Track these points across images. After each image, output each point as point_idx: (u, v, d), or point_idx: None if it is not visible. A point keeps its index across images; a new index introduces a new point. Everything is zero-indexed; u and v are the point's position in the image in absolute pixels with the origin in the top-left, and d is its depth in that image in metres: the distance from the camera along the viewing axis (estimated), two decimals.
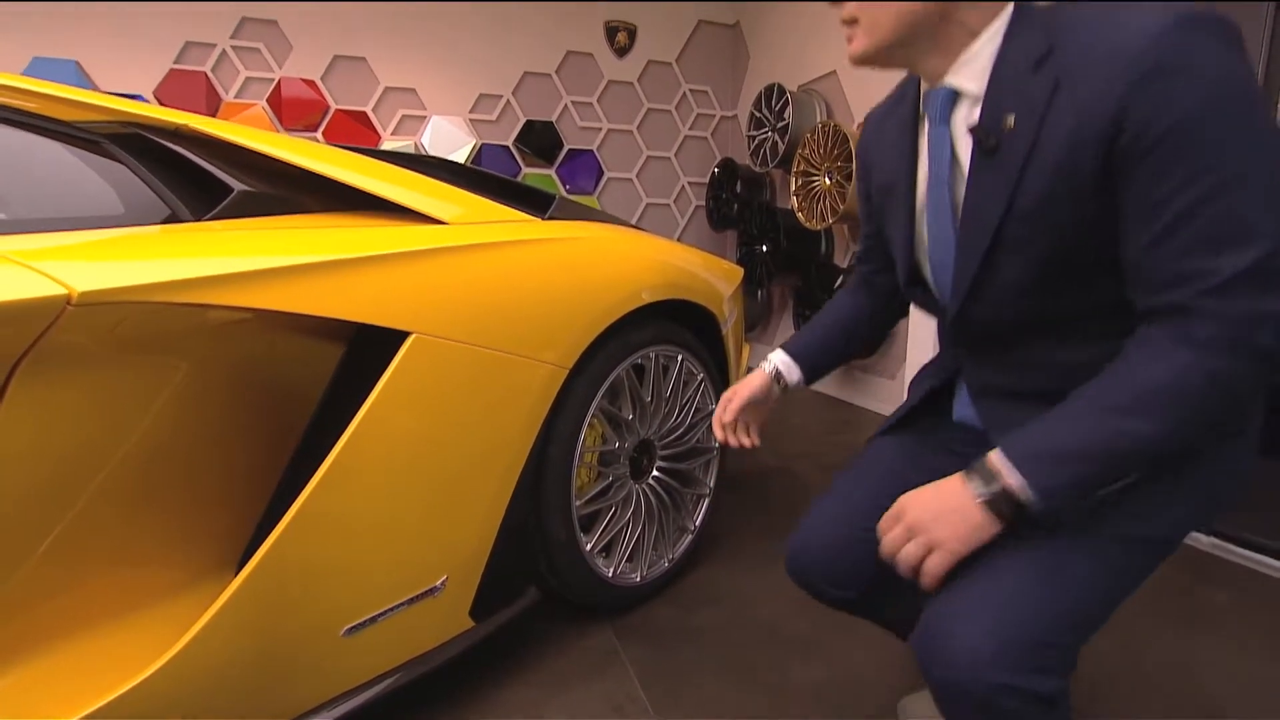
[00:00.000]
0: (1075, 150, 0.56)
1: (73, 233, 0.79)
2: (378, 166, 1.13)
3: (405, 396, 0.92)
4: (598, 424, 1.29)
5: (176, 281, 0.72)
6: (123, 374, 0.77)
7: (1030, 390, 0.70)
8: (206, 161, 0.95)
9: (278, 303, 0.80)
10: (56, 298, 0.64)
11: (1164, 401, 0.55)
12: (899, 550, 0.64)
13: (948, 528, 0.61)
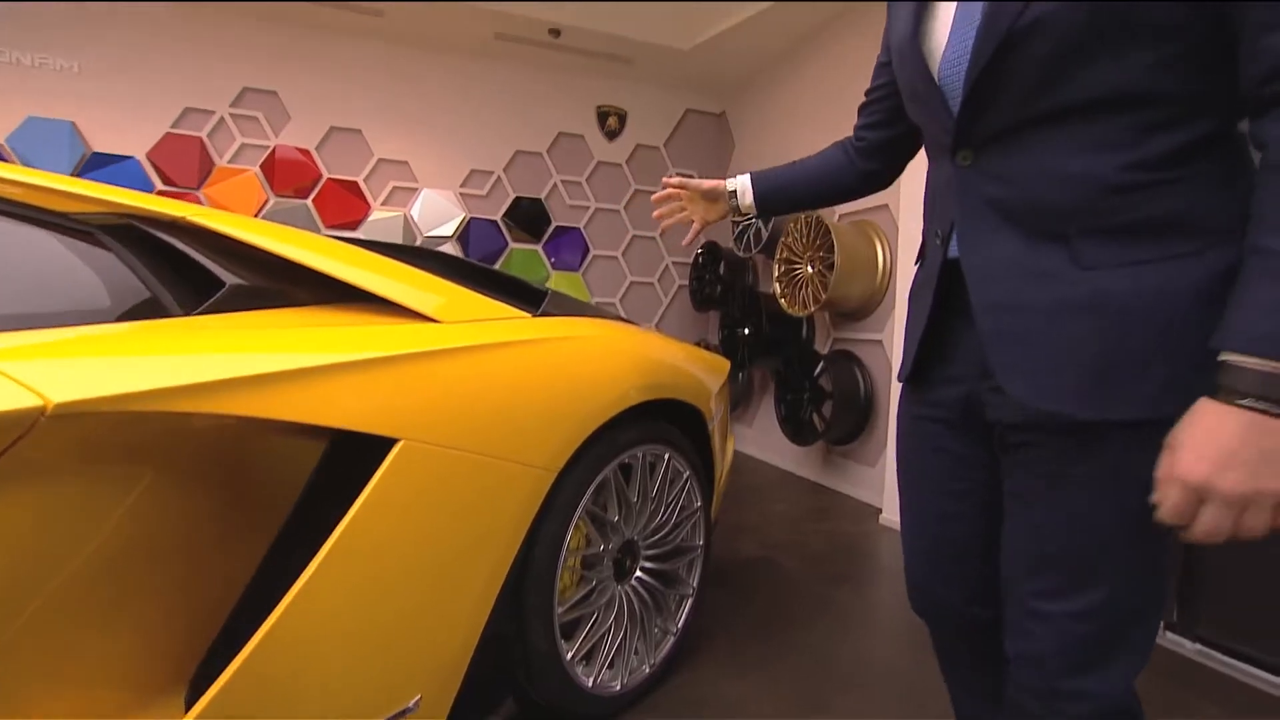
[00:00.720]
0: None
1: (55, 329, 0.76)
2: (373, 260, 1.12)
3: (390, 506, 0.88)
4: (582, 525, 1.26)
5: (158, 390, 0.69)
6: (84, 481, 0.72)
7: (1027, 205, 0.63)
8: (199, 254, 0.94)
9: (263, 410, 0.77)
10: (31, 409, 0.61)
11: None
12: (1228, 532, 0.51)
13: (1257, 477, 0.49)
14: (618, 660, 1.35)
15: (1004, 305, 0.64)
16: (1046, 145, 0.61)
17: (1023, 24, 0.58)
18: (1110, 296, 0.59)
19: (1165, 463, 0.54)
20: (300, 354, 0.83)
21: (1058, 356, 0.61)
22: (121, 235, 0.90)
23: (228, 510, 0.88)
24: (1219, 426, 0.50)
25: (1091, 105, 0.59)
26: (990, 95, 0.63)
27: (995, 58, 0.60)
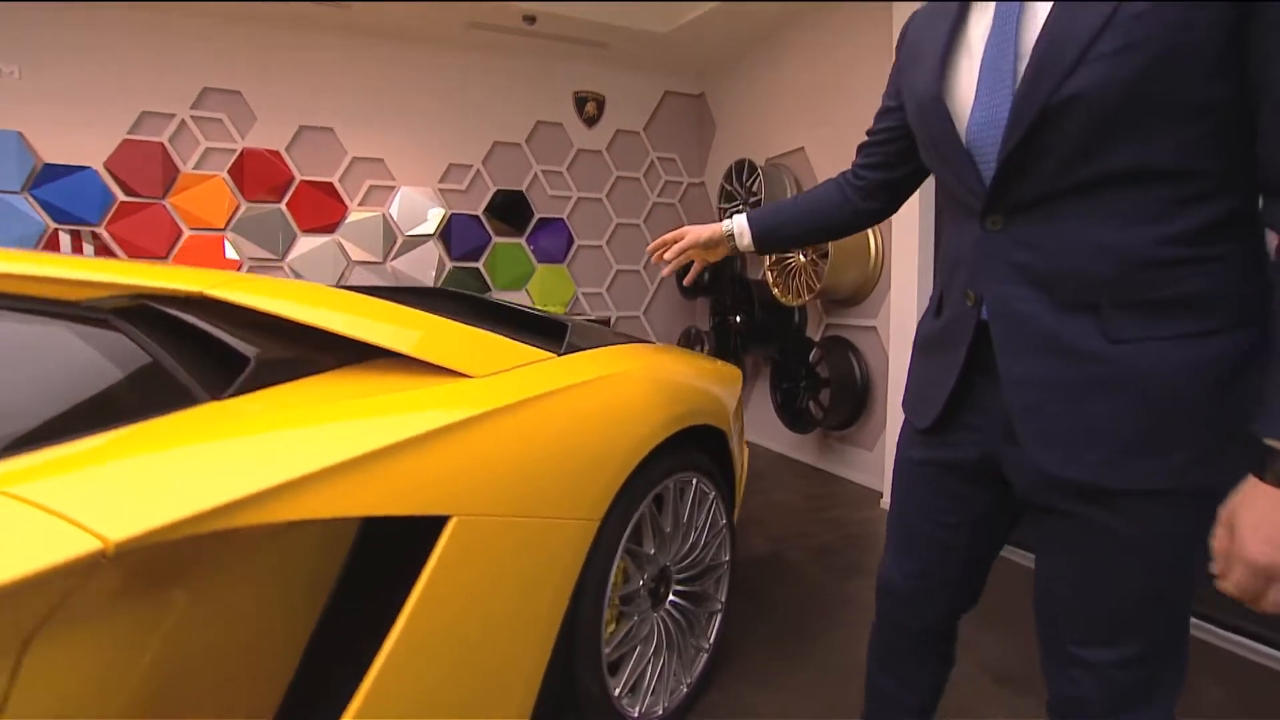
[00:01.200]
0: None
1: (95, 437, 0.72)
2: (394, 312, 1.08)
3: (448, 583, 0.86)
4: (622, 563, 1.25)
5: (214, 510, 0.66)
6: (139, 601, 0.69)
7: (1058, 274, 0.65)
8: (220, 330, 0.89)
9: (318, 511, 0.74)
10: (92, 554, 0.58)
11: None
12: (1268, 604, 0.56)
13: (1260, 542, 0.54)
14: (659, 686, 1.37)
15: (1033, 380, 0.67)
16: (1079, 215, 0.63)
17: (1059, 99, 0.59)
18: (1139, 373, 0.62)
19: (1223, 539, 0.57)
20: (346, 443, 0.80)
21: (1086, 432, 0.64)
22: (137, 318, 0.85)
23: (271, 600, 0.85)
24: (1271, 508, 0.54)
25: (1125, 178, 0.60)
26: (1024, 165, 0.64)
27: (1031, 130, 0.61)
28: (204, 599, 0.75)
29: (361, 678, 0.79)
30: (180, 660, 0.74)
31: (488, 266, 4.10)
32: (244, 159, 3.53)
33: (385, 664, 0.80)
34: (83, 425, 0.74)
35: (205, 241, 3.50)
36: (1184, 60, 0.56)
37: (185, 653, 0.74)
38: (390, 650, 0.80)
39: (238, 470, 0.71)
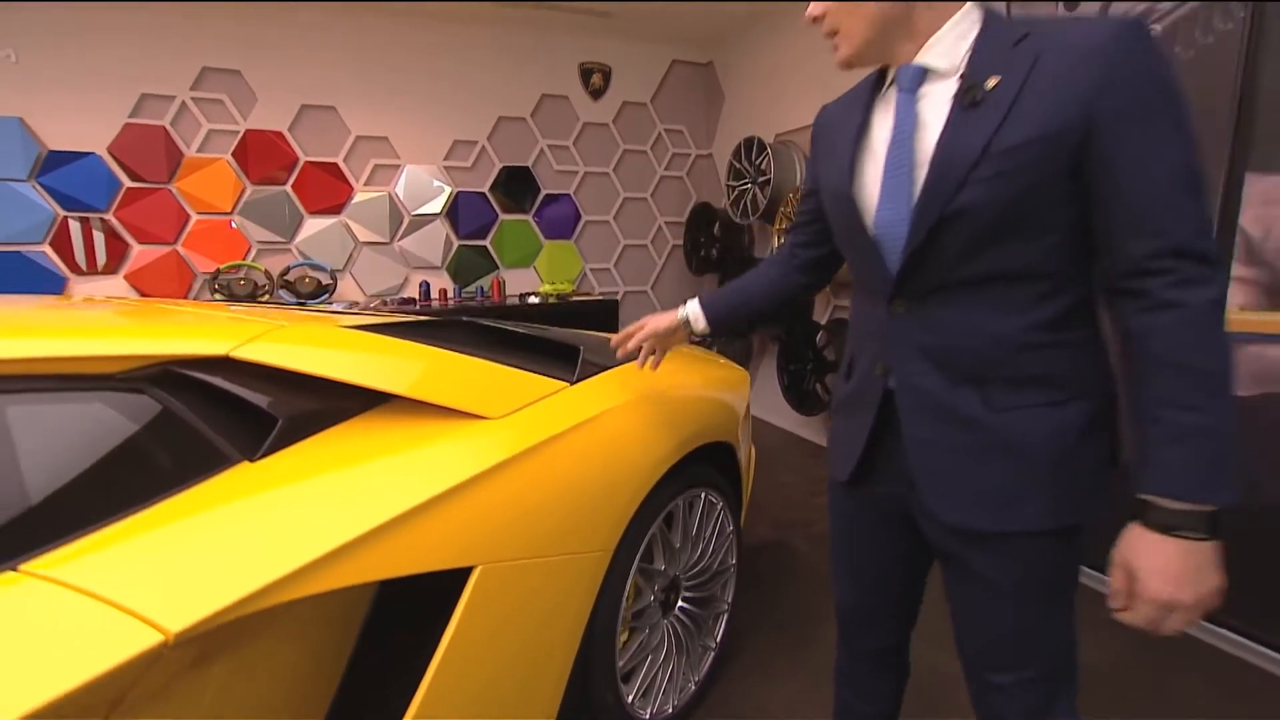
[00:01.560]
0: (1058, 105, 0.67)
1: (140, 510, 0.77)
2: (413, 354, 1.12)
3: (474, 629, 0.92)
4: (634, 582, 1.31)
5: (264, 589, 0.71)
6: (183, 677, 0.75)
7: (950, 353, 0.78)
8: (247, 392, 0.93)
9: (355, 578, 0.79)
10: (154, 647, 0.63)
11: (1217, 376, 0.66)
12: (1162, 624, 0.69)
13: (1209, 577, 0.67)
14: (669, 687, 1.45)
15: (931, 442, 0.80)
16: (966, 305, 0.76)
17: (951, 210, 0.73)
18: (1011, 436, 0.76)
19: (1121, 580, 0.71)
20: (378, 508, 0.84)
21: (971, 485, 0.78)
22: (170, 385, 0.89)
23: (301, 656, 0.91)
24: (1165, 554, 0.67)
25: (999, 276, 0.74)
26: (923, 262, 0.77)
27: (930, 234, 0.74)
28: (240, 664, 0.81)
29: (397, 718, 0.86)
30: (232, 709, 0.81)
31: (495, 244, 4.09)
32: (247, 140, 3.50)
33: (421, 703, 0.86)
34: (131, 499, 0.79)
35: (213, 225, 3.50)
36: (1041, 189, 0.70)
37: (233, 707, 0.81)
38: (425, 689, 0.87)
39: (278, 545, 0.76)
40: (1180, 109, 0.66)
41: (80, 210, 3.24)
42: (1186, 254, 0.66)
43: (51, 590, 0.65)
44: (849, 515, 0.98)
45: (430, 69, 3.80)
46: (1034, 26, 0.71)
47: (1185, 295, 0.66)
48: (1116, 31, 0.66)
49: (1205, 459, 0.66)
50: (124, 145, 3.29)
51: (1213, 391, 0.66)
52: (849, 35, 0.79)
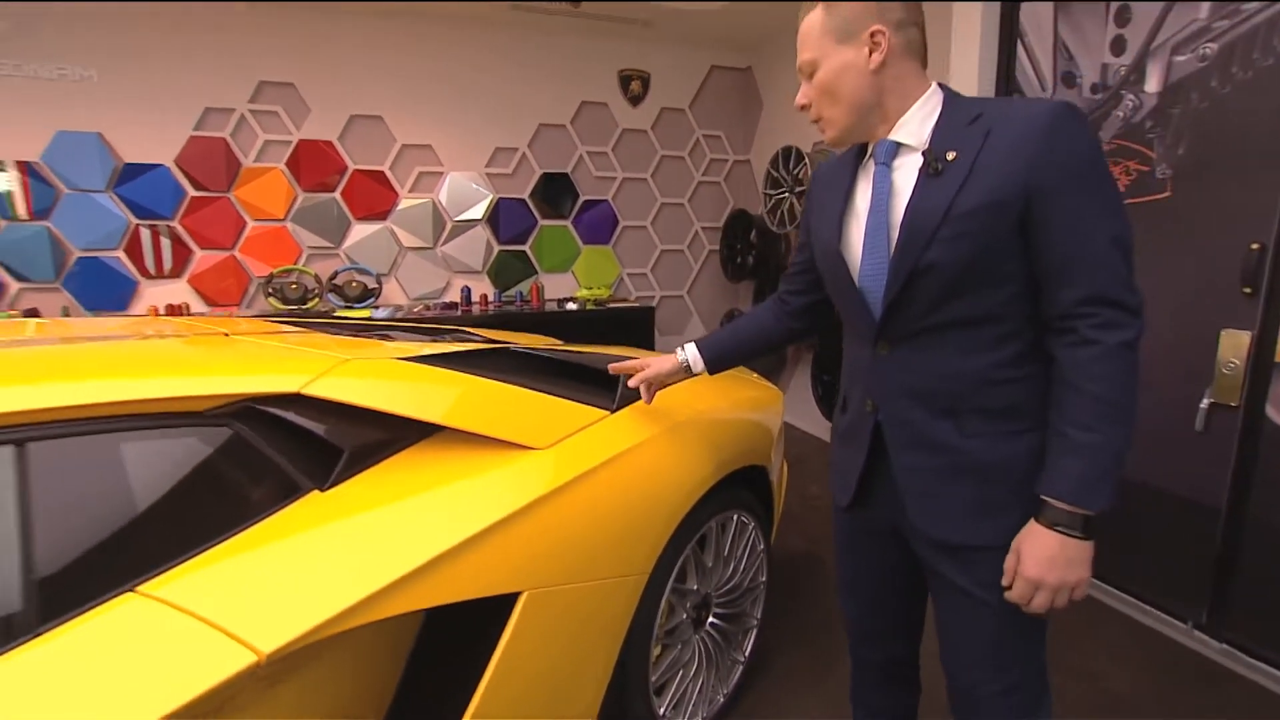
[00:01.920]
0: (1004, 176, 0.80)
1: (230, 535, 0.86)
2: (471, 388, 1.19)
3: (519, 650, 1.00)
4: (668, 601, 1.38)
5: (342, 613, 0.80)
6: (265, 689, 0.84)
7: (928, 389, 0.91)
8: (316, 425, 1.02)
9: (417, 603, 0.87)
10: (249, 667, 0.72)
11: (1121, 407, 0.79)
12: (1035, 601, 0.83)
13: (1075, 569, 0.82)
14: (699, 699, 1.51)
15: (914, 467, 0.93)
16: (938, 347, 0.89)
17: (922, 265, 0.85)
18: (981, 460, 0.89)
19: (1011, 561, 0.86)
20: (437, 538, 0.92)
21: (950, 503, 0.91)
22: (250, 420, 0.98)
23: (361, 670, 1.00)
24: (1044, 543, 0.82)
25: (964, 321, 0.87)
26: (900, 309, 0.90)
27: (904, 285, 0.88)
28: (307, 684, 0.89)
29: None
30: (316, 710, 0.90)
31: (534, 249, 4.18)
32: (299, 150, 3.65)
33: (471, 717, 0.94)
34: (222, 526, 0.88)
35: (268, 232, 3.67)
36: (995, 247, 0.82)
37: (306, 714, 0.90)
38: (476, 704, 0.95)
39: (349, 573, 0.85)
40: (1104, 178, 0.80)
41: (150, 218, 3.44)
42: (1108, 302, 0.79)
43: (162, 611, 0.74)
44: (849, 536, 1.10)
45: (473, 78, 3.89)
46: (985, 107, 0.85)
47: (1103, 336, 0.79)
48: (1052, 112, 0.79)
49: (1091, 472, 0.79)
50: (189, 157, 3.47)
51: (1108, 417, 0.79)
52: (832, 121, 0.92)
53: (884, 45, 0.87)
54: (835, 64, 0.89)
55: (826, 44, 0.89)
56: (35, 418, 0.78)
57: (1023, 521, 0.86)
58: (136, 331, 1.37)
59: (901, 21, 0.88)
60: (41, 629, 0.70)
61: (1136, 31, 2.13)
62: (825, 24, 0.89)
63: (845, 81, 0.89)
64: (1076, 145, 0.79)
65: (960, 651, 0.95)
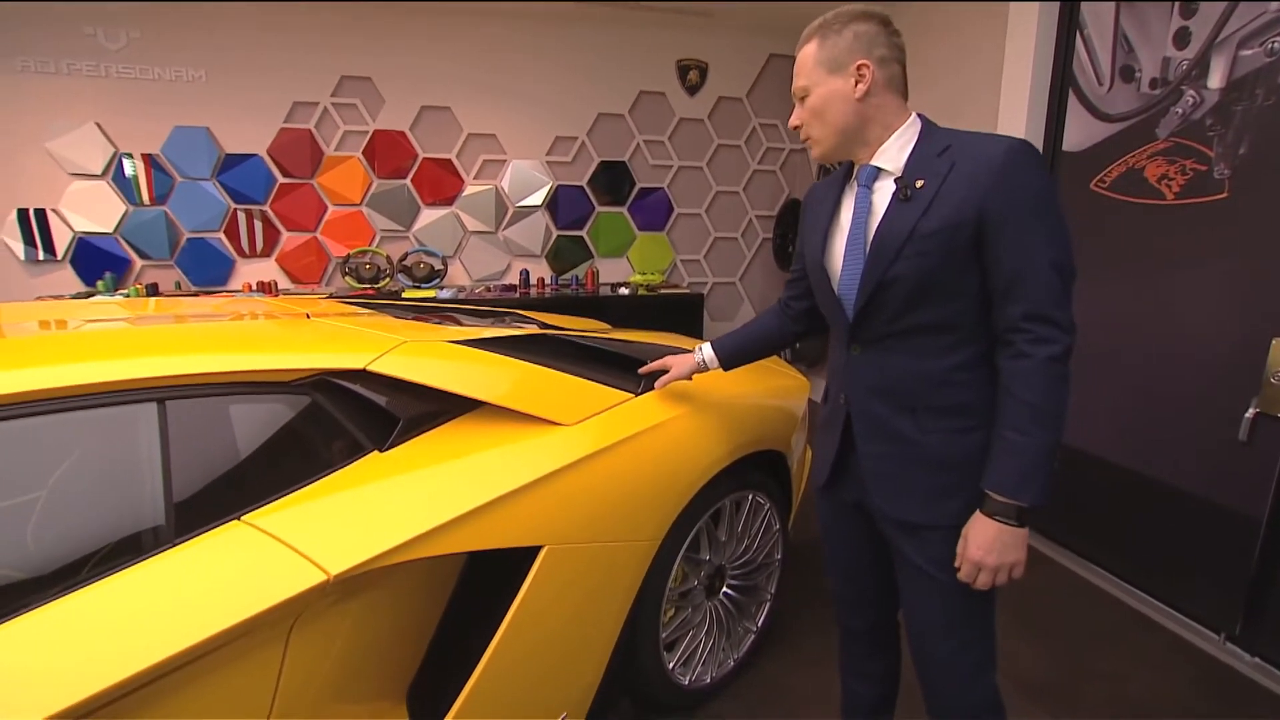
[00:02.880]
0: (962, 202, 0.91)
1: (309, 482, 1.06)
2: (510, 369, 1.36)
3: (538, 594, 1.17)
4: (680, 569, 1.52)
5: (398, 546, 0.99)
6: (343, 604, 1.04)
7: (891, 387, 1.03)
8: (377, 395, 1.21)
9: (458, 546, 1.06)
10: (318, 584, 0.91)
11: (1049, 414, 0.90)
12: (980, 580, 0.96)
13: (1012, 552, 0.94)
14: (709, 659, 1.66)
15: (878, 456, 1.06)
16: (901, 350, 1.01)
17: (888, 277, 0.98)
18: (936, 452, 1.01)
19: (960, 545, 0.98)
20: (475, 493, 1.10)
21: (908, 487, 1.03)
22: (325, 390, 1.18)
23: (414, 600, 1.19)
24: (985, 530, 0.94)
25: (923, 328, 0.99)
26: (869, 315, 1.03)
27: (873, 294, 1.00)
28: (372, 603, 1.09)
29: (474, 663, 1.12)
30: (361, 638, 1.10)
31: (591, 235, 4.35)
32: (375, 140, 3.93)
33: (493, 653, 1.12)
34: (302, 474, 1.08)
35: (346, 216, 3.98)
36: (951, 263, 0.94)
37: (364, 634, 1.10)
38: (498, 641, 1.13)
39: (402, 517, 1.03)
40: (1050, 209, 0.90)
41: (246, 203, 3.81)
42: (1042, 318, 0.90)
43: (260, 537, 0.95)
44: (828, 514, 1.24)
45: (535, 69, 4.06)
46: (953, 139, 0.96)
47: (1035, 350, 0.90)
48: (1009, 149, 0.90)
49: (1025, 469, 0.91)
50: (279, 147, 3.81)
51: (1039, 422, 0.90)
52: (819, 141, 1.05)
53: (868, 77, 0.98)
54: (825, 91, 1.01)
55: (818, 73, 1.01)
56: (170, 382, 0.99)
57: (968, 505, 0.98)
58: (235, 312, 1.62)
59: (885, 58, 0.99)
60: (178, 540, 0.91)
61: (1202, 24, 2.07)
62: (818, 55, 1.01)
63: (832, 107, 1.01)
64: (1027, 179, 0.90)
65: (916, 618, 1.08)
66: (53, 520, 0.87)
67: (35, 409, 0.89)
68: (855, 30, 0.98)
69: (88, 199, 3.63)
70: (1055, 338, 0.90)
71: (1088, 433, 2.36)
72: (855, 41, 0.98)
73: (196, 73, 3.60)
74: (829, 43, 1.00)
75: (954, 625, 1.04)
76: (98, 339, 1.12)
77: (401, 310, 1.98)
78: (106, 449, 0.94)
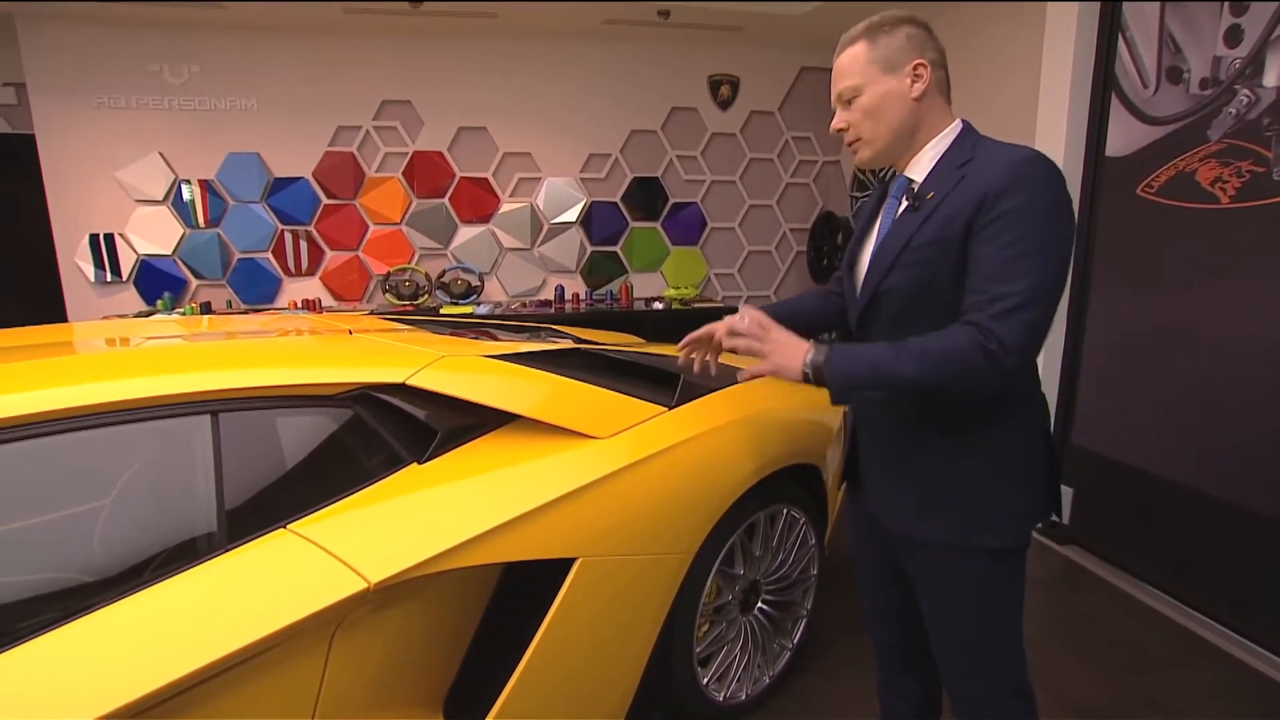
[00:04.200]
0: (956, 213, 0.91)
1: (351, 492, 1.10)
2: (540, 382, 1.38)
3: (573, 605, 1.18)
4: (714, 582, 1.51)
5: (435, 556, 1.01)
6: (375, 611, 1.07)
7: (887, 403, 1.04)
8: (416, 409, 1.24)
9: (494, 557, 1.07)
10: (359, 592, 0.94)
11: (929, 360, 0.87)
12: (743, 346, 1.00)
13: (778, 357, 0.95)
14: (744, 676, 1.64)
15: (877, 466, 1.08)
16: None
17: (883, 288, 1.00)
18: (927, 467, 1.00)
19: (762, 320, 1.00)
20: (511, 505, 1.12)
21: (899, 500, 1.03)
22: (366, 403, 1.21)
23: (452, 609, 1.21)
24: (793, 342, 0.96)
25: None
26: (867, 325, 1.05)
27: (869, 303, 1.02)
28: (411, 611, 1.12)
29: (509, 673, 1.13)
30: (399, 646, 1.12)
31: (625, 250, 4.39)
32: (414, 161, 4.06)
33: (527, 663, 1.13)
34: (345, 485, 1.12)
35: (386, 235, 4.11)
36: (941, 275, 0.93)
37: (402, 641, 1.12)
38: (532, 651, 1.14)
39: (441, 528, 1.06)
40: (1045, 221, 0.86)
41: (293, 224, 3.97)
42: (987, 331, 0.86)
43: (305, 545, 0.98)
44: (852, 523, 1.23)
45: (569, 89, 4.15)
46: (979, 150, 0.95)
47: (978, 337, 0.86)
48: (1018, 159, 0.89)
49: (853, 357, 0.90)
50: (324, 169, 3.96)
51: (905, 350, 0.88)
52: (870, 141, 1.01)
53: (925, 76, 0.97)
54: (880, 90, 0.98)
55: (871, 72, 0.98)
56: (223, 395, 1.04)
57: (961, 523, 0.97)
58: (281, 328, 1.68)
59: (936, 60, 0.98)
60: (229, 546, 0.95)
61: (1255, 21, 2.00)
62: (870, 55, 0.98)
63: (888, 106, 0.98)
64: (1024, 194, 0.87)
65: (942, 650, 1.06)
66: (117, 526, 0.92)
67: (102, 420, 0.94)
68: (908, 31, 0.97)
69: (150, 223, 3.83)
70: (997, 353, 0.84)
71: (1144, 448, 2.27)
72: (909, 42, 0.97)
73: (249, 102, 3.79)
74: (881, 42, 0.98)
75: (981, 659, 1.01)
76: (157, 355, 1.19)
77: (439, 326, 2.04)
78: (166, 459, 1.00)
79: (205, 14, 3.48)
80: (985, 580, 0.99)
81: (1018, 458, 0.98)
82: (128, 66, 3.66)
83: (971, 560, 0.98)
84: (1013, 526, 0.98)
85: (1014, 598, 1.01)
